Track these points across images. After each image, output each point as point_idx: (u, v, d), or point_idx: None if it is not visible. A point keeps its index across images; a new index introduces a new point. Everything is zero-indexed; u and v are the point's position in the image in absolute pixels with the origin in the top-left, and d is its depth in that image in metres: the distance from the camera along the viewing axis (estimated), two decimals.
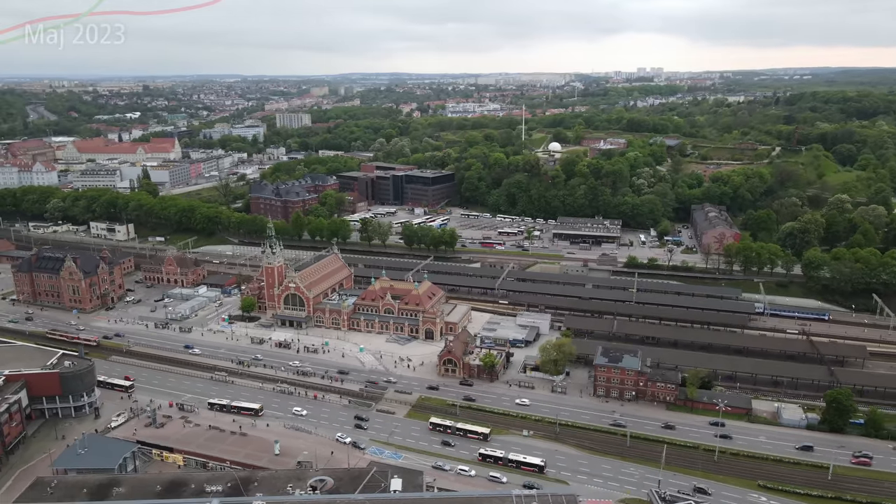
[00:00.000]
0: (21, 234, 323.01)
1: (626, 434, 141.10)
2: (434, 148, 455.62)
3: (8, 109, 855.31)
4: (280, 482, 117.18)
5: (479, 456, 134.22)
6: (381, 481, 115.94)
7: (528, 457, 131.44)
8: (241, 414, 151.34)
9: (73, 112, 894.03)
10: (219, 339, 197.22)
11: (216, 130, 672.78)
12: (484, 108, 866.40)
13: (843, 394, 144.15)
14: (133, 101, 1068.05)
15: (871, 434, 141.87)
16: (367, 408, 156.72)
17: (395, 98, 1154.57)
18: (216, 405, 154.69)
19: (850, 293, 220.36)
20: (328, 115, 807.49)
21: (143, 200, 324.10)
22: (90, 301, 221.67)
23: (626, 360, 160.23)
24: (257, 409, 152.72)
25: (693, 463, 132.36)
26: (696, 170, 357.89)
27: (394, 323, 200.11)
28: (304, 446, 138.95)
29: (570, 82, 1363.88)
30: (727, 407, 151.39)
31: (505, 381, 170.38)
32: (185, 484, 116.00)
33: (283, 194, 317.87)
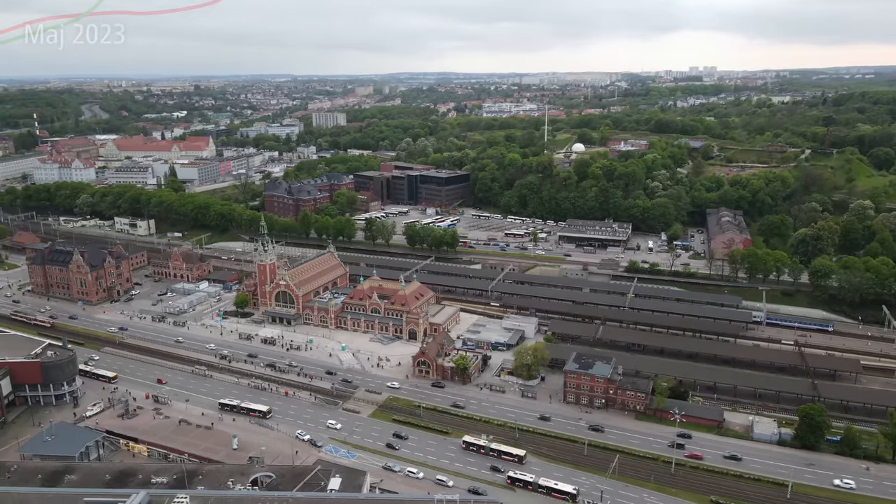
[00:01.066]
0: (51, 227, 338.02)
1: (584, 442, 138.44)
2: (458, 148, 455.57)
3: (63, 108, 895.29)
4: (224, 476, 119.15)
5: (508, 479, 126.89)
6: (322, 480, 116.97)
7: (560, 483, 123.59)
8: (251, 415, 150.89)
9: (124, 111, 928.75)
10: (208, 334, 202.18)
11: (253, 129, 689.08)
12: (520, 108, 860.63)
13: (815, 409, 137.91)
14: (182, 101, 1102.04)
15: (846, 452, 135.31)
16: (334, 406, 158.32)
17: (435, 98, 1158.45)
18: (227, 406, 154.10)
19: (858, 304, 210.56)
20: (364, 114, 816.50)
21: (164, 197, 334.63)
22: (96, 294, 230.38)
23: (597, 367, 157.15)
24: (265, 411, 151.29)
25: (648, 474, 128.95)
26: (719, 173, 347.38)
27: (379, 322, 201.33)
28: (264, 442, 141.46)
29: (616, 82, 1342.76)
30: (699, 419, 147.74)
31: (477, 384, 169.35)
32: (134, 474, 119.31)
33: (294, 193, 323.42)
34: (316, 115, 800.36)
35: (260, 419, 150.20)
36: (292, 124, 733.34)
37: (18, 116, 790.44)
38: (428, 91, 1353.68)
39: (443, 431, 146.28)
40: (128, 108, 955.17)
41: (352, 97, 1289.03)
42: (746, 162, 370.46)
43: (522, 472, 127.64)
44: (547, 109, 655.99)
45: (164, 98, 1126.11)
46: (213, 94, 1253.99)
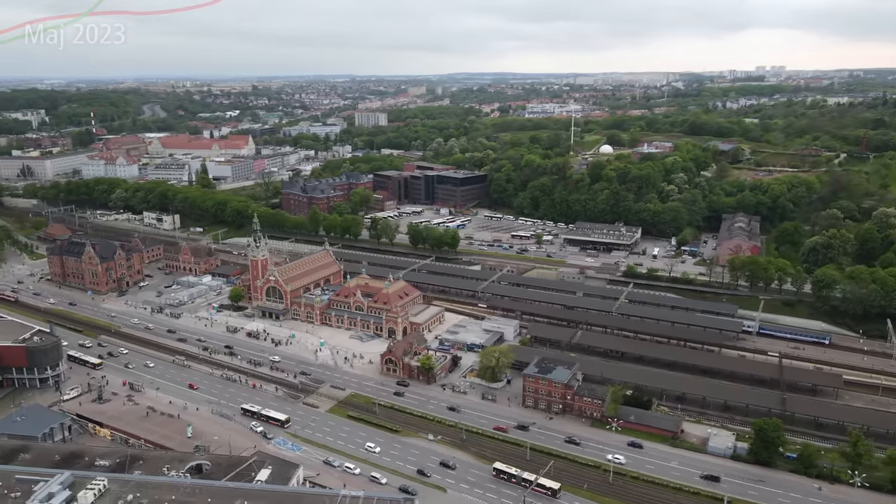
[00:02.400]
0: (86, 220, 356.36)
1: (527, 446, 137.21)
2: (486, 149, 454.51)
3: (125, 108, 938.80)
4: (162, 462, 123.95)
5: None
6: (253, 470, 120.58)
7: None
8: (270, 423, 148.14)
9: (180, 110, 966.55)
10: (199, 326, 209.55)
11: (296, 128, 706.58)
12: (564, 108, 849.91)
13: (770, 424, 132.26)
14: (238, 101, 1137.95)
15: (801, 471, 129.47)
16: (296, 400, 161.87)
17: (484, 98, 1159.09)
18: (248, 411, 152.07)
19: (861, 317, 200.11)
20: (406, 114, 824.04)
21: (189, 193, 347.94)
22: (106, 284, 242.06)
23: (556, 372, 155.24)
24: (283, 420, 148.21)
25: (582, 482, 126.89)
26: (745, 177, 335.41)
27: (361, 320, 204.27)
28: (219, 432, 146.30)
29: (672, 82, 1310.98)
30: (654, 428, 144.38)
31: (442, 384, 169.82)
32: (82, 456, 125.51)
33: (308, 191, 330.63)
34: (358, 114, 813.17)
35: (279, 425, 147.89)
36: (334, 124, 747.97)
37: (82, 115, 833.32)
38: (478, 91, 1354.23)
39: (393, 430, 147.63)
40: (184, 108, 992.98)
41: (403, 97, 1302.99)
42: (776, 166, 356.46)
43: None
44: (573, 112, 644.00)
45: (221, 98, 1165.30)
46: (269, 94, 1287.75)
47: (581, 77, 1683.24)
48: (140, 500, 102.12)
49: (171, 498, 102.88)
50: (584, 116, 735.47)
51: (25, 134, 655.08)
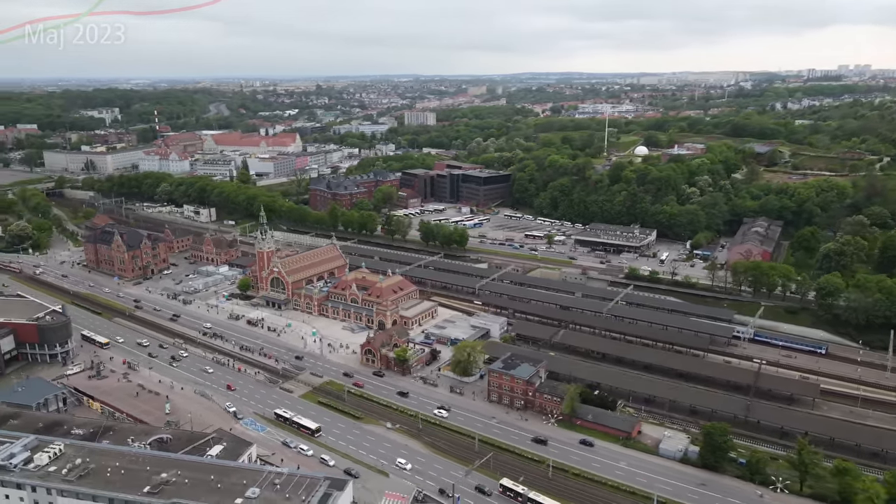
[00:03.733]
0: (132, 211, 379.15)
1: (475, 437, 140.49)
2: (521, 149, 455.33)
3: (191, 106, 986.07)
4: (130, 434, 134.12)
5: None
6: (208, 445, 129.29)
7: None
8: (300, 431, 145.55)
9: (242, 109, 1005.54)
10: (205, 313, 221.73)
11: (346, 127, 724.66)
12: (616, 109, 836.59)
13: (717, 428, 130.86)
14: (299, 100, 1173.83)
15: (747, 476, 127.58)
16: (273, 385, 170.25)
17: (541, 98, 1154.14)
18: (281, 416, 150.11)
19: (864, 327, 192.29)
20: (455, 114, 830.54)
21: (224, 188, 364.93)
22: (131, 271, 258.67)
23: (520, 369, 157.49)
24: (314, 429, 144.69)
25: (519, 474, 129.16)
26: (779, 180, 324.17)
27: (354, 312, 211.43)
28: (195, 410, 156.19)
29: (741, 81, 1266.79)
30: (608, 428, 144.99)
31: (417, 376, 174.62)
32: (61, 425, 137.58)
33: (332, 188, 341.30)
34: (408, 114, 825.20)
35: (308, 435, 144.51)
36: (384, 123, 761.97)
37: (150, 113, 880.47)
38: (536, 91, 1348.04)
39: (356, 417, 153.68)
40: (247, 107, 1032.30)
41: (462, 97, 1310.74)
42: (814, 169, 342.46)
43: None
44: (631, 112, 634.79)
45: (283, 97, 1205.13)
46: (332, 94, 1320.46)
47: (646, 77, 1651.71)
48: (87, 464, 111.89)
49: (114, 464, 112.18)
50: (635, 117, 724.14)
51: (96, 131, 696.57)
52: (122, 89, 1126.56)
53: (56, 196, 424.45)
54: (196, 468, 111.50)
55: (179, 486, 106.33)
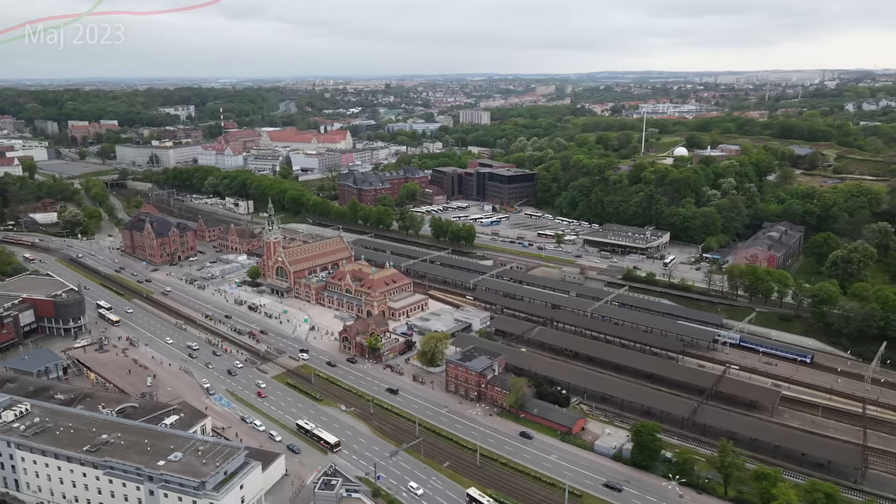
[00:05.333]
0: (180, 202, 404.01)
1: (416, 422, 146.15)
2: (559, 148, 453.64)
3: (261, 103, 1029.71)
4: (101, 401, 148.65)
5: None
6: (166, 416, 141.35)
7: None
8: (320, 443, 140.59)
9: (309, 107, 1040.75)
10: (213, 297, 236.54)
11: (400, 125, 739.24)
12: (678, 109, 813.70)
13: (646, 427, 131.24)
14: (364, 98, 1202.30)
15: (671, 476, 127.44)
16: (252, 366, 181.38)
17: (607, 97, 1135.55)
18: (302, 428, 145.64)
19: (856, 337, 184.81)
20: (510, 113, 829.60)
21: (262, 182, 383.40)
22: (160, 257, 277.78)
23: (475, 361, 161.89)
24: (333, 443, 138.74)
25: (445, 459, 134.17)
26: (815, 183, 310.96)
27: (347, 302, 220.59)
28: (174, 384, 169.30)
29: (826, 80, 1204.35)
30: (550, 422, 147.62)
31: (387, 363, 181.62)
32: (48, 390, 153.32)
33: (358, 183, 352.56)
34: (463, 112, 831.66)
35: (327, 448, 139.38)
36: (439, 121, 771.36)
37: (225, 110, 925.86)
38: (604, 91, 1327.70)
39: (316, 398, 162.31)
40: (313, 105, 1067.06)
41: (529, 96, 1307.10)
42: (855, 173, 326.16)
43: None
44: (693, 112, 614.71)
45: (350, 95, 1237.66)
46: (399, 93, 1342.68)
47: (727, 75, 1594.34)
48: (45, 423, 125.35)
49: (67, 425, 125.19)
50: (696, 118, 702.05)
51: (166, 126, 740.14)
52: (199, 88, 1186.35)
53: (119, 187, 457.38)
54: (136, 432, 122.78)
55: (115, 447, 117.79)
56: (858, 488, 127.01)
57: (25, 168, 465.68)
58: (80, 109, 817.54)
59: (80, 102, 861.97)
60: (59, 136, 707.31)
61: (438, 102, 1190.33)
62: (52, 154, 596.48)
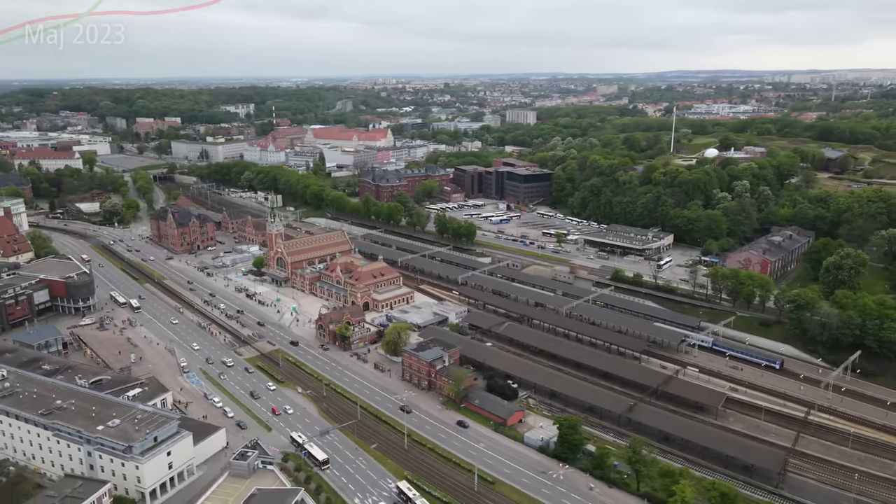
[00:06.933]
0: (217, 195, 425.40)
1: (358, 404, 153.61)
2: (582, 148, 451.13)
3: (318, 102, 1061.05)
4: (80, 373, 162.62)
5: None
6: (131, 389, 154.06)
7: None
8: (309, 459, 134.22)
9: (363, 105, 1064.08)
10: (217, 285, 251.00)
11: (443, 124, 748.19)
12: (734, 110, 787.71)
13: (568, 421, 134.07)
14: (419, 97, 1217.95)
15: (588, 468, 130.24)
16: (231, 348, 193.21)
17: (667, 97, 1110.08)
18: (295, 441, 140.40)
19: (832, 345, 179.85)
20: (557, 113, 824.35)
21: (290, 178, 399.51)
22: (180, 246, 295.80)
23: (427, 352, 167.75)
24: (321, 460, 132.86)
25: (374, 440, 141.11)
26: (841, 188, 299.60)
27: (335, 292, 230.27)
28: (156, 362, 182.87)
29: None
30: (488, 413, 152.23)
31: (353, 352, 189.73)
32: (37, 361, 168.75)
33: (377, 180, 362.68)
34: (509, 112, 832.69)
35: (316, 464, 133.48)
36: (482, 121, 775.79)
37: (281, 108, 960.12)
38: (665, 90, 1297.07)
39: (279, 380, 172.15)
40: (367, 103, 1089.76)
41: (588, 96, 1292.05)
42: (886, 177, 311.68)
43: None
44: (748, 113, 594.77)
45: (405, 94, 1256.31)
46: (457, 92, 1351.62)
47: (799, 75, 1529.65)
48: (14, 388, 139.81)
49: (33, 391, 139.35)
50: (747, 118, 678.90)
51: (222, 124, 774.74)
52: (262, 87, 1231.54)
53: (167, 180, 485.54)
54: (89, 400, 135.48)
55: (66, 412, 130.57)
56: (778, 492, 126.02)
57: (85, 161, 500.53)
58: (147, 107, 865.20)
59: (149, 100, 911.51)
60: (125, 132, 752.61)
61: (495, 102, 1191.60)
62: (114, 149, 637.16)
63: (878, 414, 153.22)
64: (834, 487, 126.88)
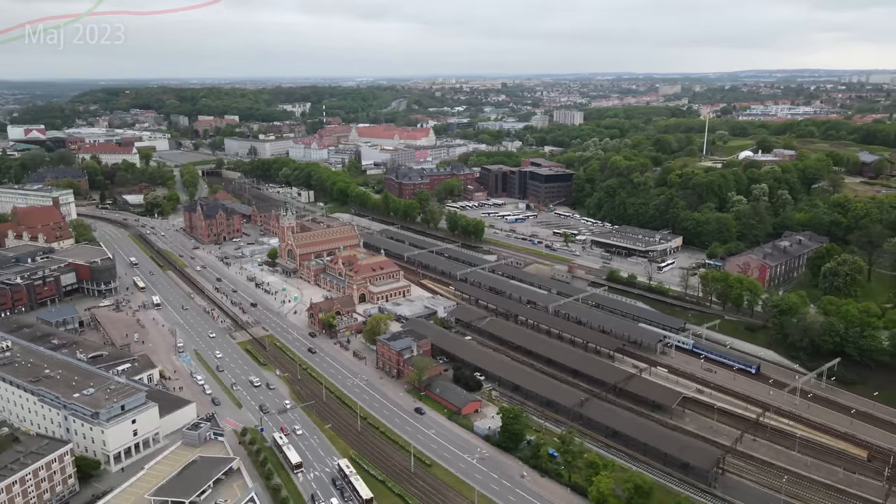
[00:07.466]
0: (257, 189, 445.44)
1: (323, 386, 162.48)
2: (610, 149, 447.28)
3: (372, 101, 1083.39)
4: (81, 348, 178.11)
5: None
6: (121, 364, 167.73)
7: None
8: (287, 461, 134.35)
9: (416, 104, 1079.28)
10: (231, 273, 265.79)
11: (488, 123, 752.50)
12: (792, 111, 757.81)
13: (510, 412, 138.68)
14: (473, 97, 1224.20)
15: (524, 457, 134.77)
16: (227, 332, 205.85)
17: (729, 97, 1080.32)
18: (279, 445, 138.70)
19: (812, 351, 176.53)
20: (606, 113, 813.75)
21: (322, 174, 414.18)
22: (207, 236, 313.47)
23: (398, 342, 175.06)
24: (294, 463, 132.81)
25: (330, 421, 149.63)
26: (871, 193, 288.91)
27: (336, 284, 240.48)
28: (156, 342, 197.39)
29: None
30: (446, 402, 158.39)
31: (336, 340, 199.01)
32: (49, 335, 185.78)
33: (400, 178, 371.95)
34: (556, 112, 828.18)
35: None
36: (529, 121, 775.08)
37: (336, 107, 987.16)
38: (729, 91, 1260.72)
39: (261, 363, 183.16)
40: (421, 103, 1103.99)
41: (648, 96, 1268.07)
42: None
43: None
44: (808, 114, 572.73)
45: (460, 94, 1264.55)
46: (512, 92, 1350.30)
47: (877, 74, 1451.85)
48: (15, 357, 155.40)
49: (30, 360, 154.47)
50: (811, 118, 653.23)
51: (275, 122, 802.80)
52: (321, 87, 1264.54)
53: (214, 175, 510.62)
54: (74, 371, 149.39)
55: (52, 380, 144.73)
56: (710, 491, 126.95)
57: (142, 156, 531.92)
58: (209, 105, 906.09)
59: (212, 99, 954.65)
60: (185, 129, 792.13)
61: (550, 102, 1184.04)
62: (172, 145, 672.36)
63: (841, 421, 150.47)
64: (768, 489, 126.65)
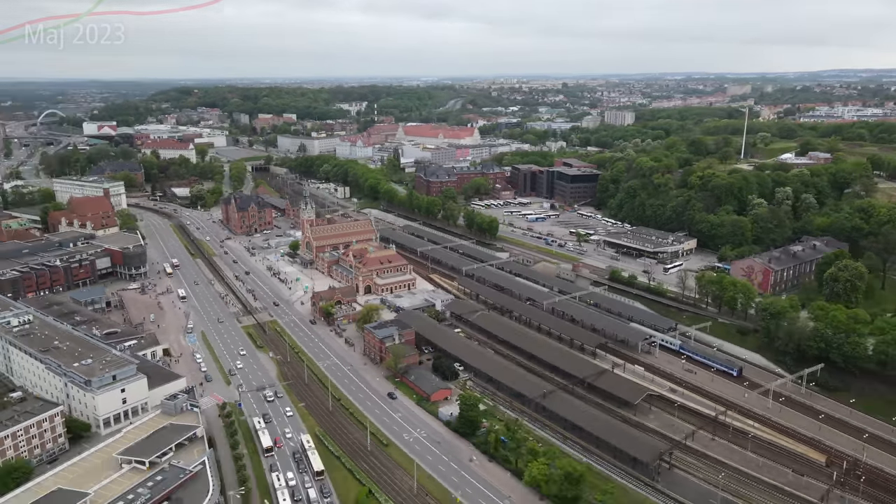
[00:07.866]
0: (299, 184, 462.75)
1: (304, 367, 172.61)
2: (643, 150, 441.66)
3: (427, 101, 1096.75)
4: (98, 324, 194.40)
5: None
6: (128, 340, 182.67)
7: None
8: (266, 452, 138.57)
9: (470, 104, 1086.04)
10: (252, 262, 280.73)
11: (536, 123, 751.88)
12: (859, 113, 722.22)
13: (468, 398, 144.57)
14: (529, 97, 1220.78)
15: (477, 443, 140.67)
16: (235, 317, 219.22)
17: (799, 98, 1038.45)
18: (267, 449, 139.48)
19: (798, 356, 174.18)
20: (659, 114, 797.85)
21: (357, 171, 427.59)
22: (240, 228, 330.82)
23: (382, 330, 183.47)
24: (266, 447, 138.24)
25: (311, 398, 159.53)
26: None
27: (345, 275, 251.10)
28: (169, 322, 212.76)
29: None
30: (418, 388, 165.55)
31: (333, 327, 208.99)
32: (73, 312, 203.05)
33: (428, 176, 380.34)
34: (608, 113, 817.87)
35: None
36: (578, 122, 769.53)
37: (390, 106, 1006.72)
38: (800, 91, 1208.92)
39: (259, 346, 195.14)
40: (476, 102, 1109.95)
41: (714, 97, 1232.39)
42: None
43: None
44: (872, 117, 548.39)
45: (515, 94, 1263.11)
46: (571, 92, 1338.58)
47: None
48: (33, 329, 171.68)
49: (45, 333, 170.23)
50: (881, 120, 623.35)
51: (328, 120, 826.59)
52: (381, 86, 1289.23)
53: (262, 171, 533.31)
54: (81, 343, 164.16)
55: (59, 351, 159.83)
56: (652, 484, 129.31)
57: (198, 152, 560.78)
58: (269, 104, 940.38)
59: (273, 98, 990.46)
60: (244, 127, 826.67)
61: (610, 102, 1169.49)
62: (230, 141, 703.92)
63: (810, 426, 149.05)
64: (711, 486, 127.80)
